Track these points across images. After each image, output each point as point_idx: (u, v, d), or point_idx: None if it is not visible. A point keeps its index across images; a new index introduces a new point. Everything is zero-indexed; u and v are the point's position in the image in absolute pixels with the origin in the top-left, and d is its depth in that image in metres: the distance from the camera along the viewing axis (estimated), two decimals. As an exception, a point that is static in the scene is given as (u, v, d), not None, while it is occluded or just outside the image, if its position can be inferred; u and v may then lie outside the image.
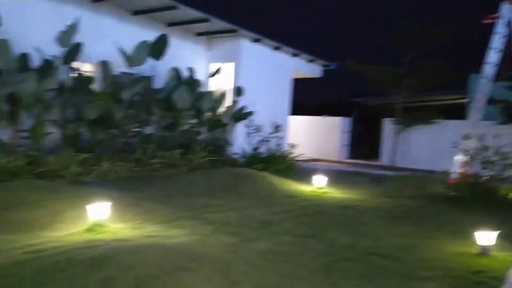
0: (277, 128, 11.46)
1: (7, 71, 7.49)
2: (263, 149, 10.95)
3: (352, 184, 9.35)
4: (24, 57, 7.93)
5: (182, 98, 10.05)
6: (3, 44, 7.44)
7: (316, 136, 17.77)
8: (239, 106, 11.84)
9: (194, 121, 10.92)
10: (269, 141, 11.14)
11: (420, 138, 15.78)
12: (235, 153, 11.30)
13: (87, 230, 4.44)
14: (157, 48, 9.78)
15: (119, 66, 9.52)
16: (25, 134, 7.91)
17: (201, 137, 10.97)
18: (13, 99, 7.66)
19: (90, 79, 8.92)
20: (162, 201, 6.16)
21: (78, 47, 8.41)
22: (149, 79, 10.15)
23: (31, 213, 4.80)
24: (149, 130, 10.18)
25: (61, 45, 8.27)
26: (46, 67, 8.01)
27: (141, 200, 6.03)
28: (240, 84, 12.05)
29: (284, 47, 13.51)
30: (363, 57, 36.37)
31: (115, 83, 9.27)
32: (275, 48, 13.41)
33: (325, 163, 15.69)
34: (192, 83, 10.90)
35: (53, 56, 8.20)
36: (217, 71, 11.79)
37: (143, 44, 9.48)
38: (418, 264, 4.01)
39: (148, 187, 7.06)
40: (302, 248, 4.34)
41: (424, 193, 8.63)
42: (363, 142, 20.01)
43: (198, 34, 12.15)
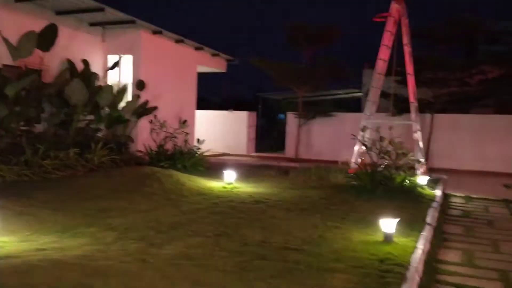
0: (183, 123, 11.12)
1: None
2: (169, 146, 10.56)
3: (260, 178, 9.41)
4: None
5: (77, 93, 9.23)
6: None
7: (223, 131, 17.69)
8: (141, 100, 11.22)
9: (91, 117, 10.12)
10: (175, 137, 10.77)
11: (321, 131, 16.53)
12: (139, 151, 10.73)
13: (-38, 248, 3.79)
14: (46, 39, 8.90)
15: (2, 58, 8.52)
16: None
17: (100, 134, 10.22)
18: None
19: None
20: (57, 208, 5.54)
21: None
22: (38, 73, 9.15)
23: None
24: (39, 128, 9.22)
25: None
26: None
27: (31, 207, 5.39)
28: (142, 78, 11.43)
29: (186, 40, 13.13)
30: (269, 53, 37.26)
31: (-3, 77, 8.21)
32: (177, 41, 12.96)
33: (233, 158, 15.68)
34: (87, 76, 10.08)
35: None
36: (116, 64, 11.04)
37: (30, 34, 8.55)
38: (329, 256, 4.07)
39: (40, 192, 6.29)
40: (214, 249, 4.16)
41: (328, 183, 8.99)
42: (269, 136, 20.48)
43: (92, 24, 11.24)
